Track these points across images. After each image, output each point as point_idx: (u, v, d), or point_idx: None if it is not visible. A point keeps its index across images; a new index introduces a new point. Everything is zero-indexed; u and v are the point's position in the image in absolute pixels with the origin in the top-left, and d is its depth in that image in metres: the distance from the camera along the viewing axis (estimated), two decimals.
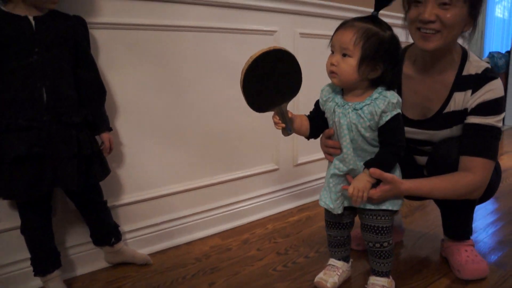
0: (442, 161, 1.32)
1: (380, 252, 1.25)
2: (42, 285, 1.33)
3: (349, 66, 1.11)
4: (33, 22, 1.16)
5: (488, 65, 1.29)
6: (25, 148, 1.13)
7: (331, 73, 1.15)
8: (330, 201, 1.21)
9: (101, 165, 1.32)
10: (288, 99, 1.17)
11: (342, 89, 1.20)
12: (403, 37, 1.29)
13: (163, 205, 1.67)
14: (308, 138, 1.30)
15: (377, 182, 1.17)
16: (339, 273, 1.35)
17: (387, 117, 1.11)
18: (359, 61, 1.10)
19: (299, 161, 2.12)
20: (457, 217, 1.44)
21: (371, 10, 1.16)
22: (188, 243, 1.71)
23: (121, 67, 1.47)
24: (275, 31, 1.88)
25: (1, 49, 1.13)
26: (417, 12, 1.21)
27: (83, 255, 1.48)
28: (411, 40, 1.31)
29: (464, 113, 1.29)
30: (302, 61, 1.57)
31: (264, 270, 1.48)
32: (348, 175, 1.21)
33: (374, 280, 1.28)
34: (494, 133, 1.26)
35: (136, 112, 1.54)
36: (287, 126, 1.19)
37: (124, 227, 1.56)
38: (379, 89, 1.14)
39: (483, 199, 1.40)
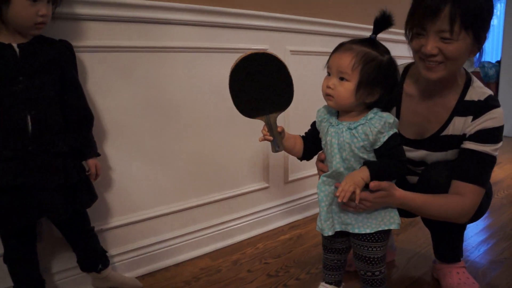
0: (432, 183, 1.30)
1: (372, 281, 1.24)
2: None
3: (347, 90, 1.09)
4: (17, 50, 1.13)
5: (491, 92, 1.28)
6: (10, 178, 1.11)
7: (327, 96, 1.13)
8: (320, 221, 1.19)
9: (88, 192, 1.30)
10: (277, 110, 1.17)
11: (338, 111, 1.19)
12: (407, 52, 1.29)
13: (152, 227, 1.65)
14: (300, 159, 1.29)
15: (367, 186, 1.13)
16: None
17: (384, 138, 1.10)
18: (356, 86, 1.08)
19: (290, 178, 2.10)
20: (447, 239, 1.44)
21: (362, 25, 1.15)
22: (178, 265, 1.69)
23: (108, 90, 1.45)
24: (265, 50, 1.86)
25: None
26: (419, 44, 1.19)
27: (70, 280, 1.45)
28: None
29: (462, 138, 1.28)
30: (293, 78, 1.56)
31: None
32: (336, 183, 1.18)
33: None
34: (489, 161, 1.25)
35: (124, 135, 1.52)
36: (275, 140, 1.17)
37: (112, 251, 1.53)
38: (375, 110, 1.13)
39: (472, 219, 1.39)
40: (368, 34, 1.14)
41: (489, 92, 1.27)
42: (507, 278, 1.52)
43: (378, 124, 1.09)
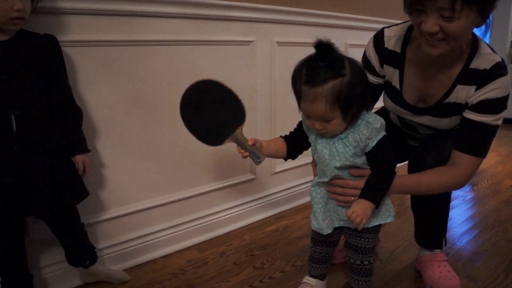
0: (415, 169, 1.32)
1: (360, 270, 1.28)
2: None
3: (337, 125, 1.09)
4: None
5: (499, 59, 1.18)
6: None
7: (320, 132, 1.14)
8: (315, 221, 1.22)
9: (77, 189, 1.30)
10: (236, 126, 1.19)
11: None
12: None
13: (140, 220, 1.66)
14: (285, 159, 1.30)
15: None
16: None
17: (373, 143, 1.11)
18: (342, 117, 1.08)
19: (277, 170, 2.12)
20: (430, 223, 1.45)
21: (346, 15, 1.15)
22: (165, 256, 1.71)
23: (93, 85, 1.44)
24: (252, 41, 1.86)
25: None
26: (419, 20, 1.10)
27: (58, 273, 1.47)
28: None
29: (464, 106, 1.24)
30: (280, 69, 1.57)
31: (240, 286, 1.49)
32: (328, 187, 1.20)
33: None
34: (490, 131, 1.21)
35: (109, 129, 1.51)
36: (252, 153, 1.18)
37: (101, 244, 1.55)
38: (362, 115, 1.13)
39: None
40: (353, 23, 1.13)
41: (497, 59, 1.18)
42: (486, 269, 1.56)
43: (366, 131, 1.11)
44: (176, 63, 1.64)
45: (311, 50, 1.10)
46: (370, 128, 1.10)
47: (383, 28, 1.37)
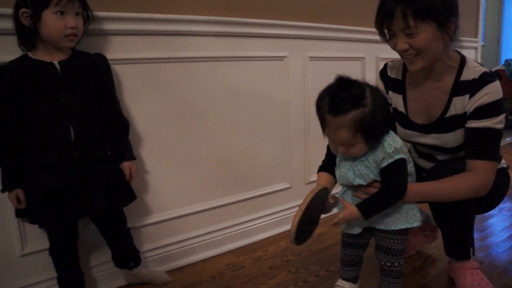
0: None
1: (390, 272, 1.31)
2: None
3: (360, 149, 1.18)
4: (58, 67, 1.26)
5: (486, 70, 1.30)
6: (57, 183, 1.23)
7: (344, 154, 1.23)
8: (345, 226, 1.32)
9: (126, 193, 1.42)
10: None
11: None
12: None
13: (180, 225, 1.77)
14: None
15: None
16: None
17: (383, 164, 1.19)
18: (365, 142, 1.17)
19: (311, 179, 2.18)
20: (455, 235, 1.46)
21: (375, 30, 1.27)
22: (204, 260, 1.80)
23: (138, 99, 1.58)
24: (285, 57, 1.96)
25: (32, 94, 1.23)
26: (393, 44, 1.29)
27: (106, 273, 1.58)
28: None
29: (464, 116, 1.32)
30: (313, 83, 1.63)
31: None
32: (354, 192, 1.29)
33: None
34: (494, 134, 1.28)
35: (154, 139, 1.64)
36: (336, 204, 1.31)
37: (145, 246, 1.66)
38: (383, 139, 1.21)
39: (490, 206, 1.47)
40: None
41: (483, 69, 1.30)
42: None
43: (380, 154, 1.19)
44: (214, 78, 1.76)
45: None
46: (384, 151, 1.19)
47: (386, 63, 1.54)
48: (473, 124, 1.29)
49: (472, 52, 3.25)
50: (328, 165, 1.38)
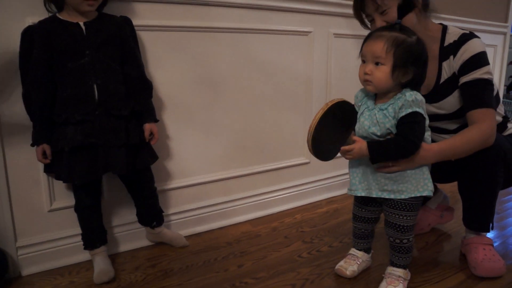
0: (474, 154, 1.37)
1: (399, 247, 1.34)
2: (90, 258, 1.51)
3: (384, 73, 1.20)
4: (83, 27, 1.31)
5: (465, 31, 1.41)
6: (81, 138, 1.29)
7: (365, 81, 1.24)
8: (354, 184, 1.34)
9: (149, 152, 1.47)
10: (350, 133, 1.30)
11: (376, 94, 1.29)
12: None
13: (201, 191, 1.82)
14: None
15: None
16: (358, 262, 1.45)
17: (402, 113, 1.19)
18: (392, 68, 1.19)
19: None
20: (478, 206, 1.47)
21: None
22: (222, 228, 1.86)
23: (164, 65, 1.62)
24: (310, 32, 1.97)
25: (59, 52, 1.29)
26: (375, 27, 1.36)
27: (127, 234, 1.65)
28: None
29: (455, 77, 1.40)
30: (336, 59, 1.64)
31: (289, 256, 1.60)
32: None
33: (391, 270, 1.37)
34: (483, 84, 1.35)
35: (178, 106, 1.69)
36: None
37: (165, 210, 1.71)
38: (404, 91, 1.23)
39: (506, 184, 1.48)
40: None
41: (462, 31, 1.41)
42: None
43: (400, 102, 1.20)
44: (238, 49, 1.79)
45: None
46: (404, 99, 1.20)
47: None
48: (463, 79, 1.37)
49: (500, 37, 3.19)
50: None
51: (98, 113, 1.32)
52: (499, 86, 3.35)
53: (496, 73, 3.26)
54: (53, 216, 1.51)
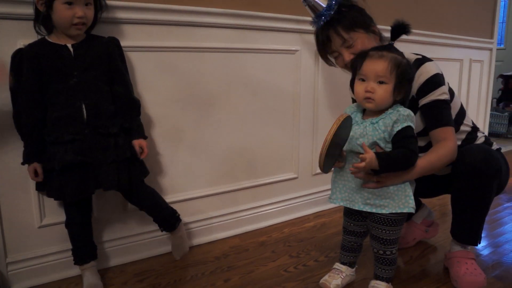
0: (467, 167, 1.42)
1: (383, 259, 1.38)
2: (79, 273, 1.53)
3: (387, 92, 1.26)
4: (71, 49, 1.36)
5: (419, 56, 1.47)
6: (71, 157, 1.33)
7: (367, 99, 1.28)
8: (334, 194, 1.40)
9: (139, 167, 1.50)
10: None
11: (364, 109, 1.34)
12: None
13: (191, 207, 1.86)
14: None
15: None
16: (342, 276, 1.49)
17: (398, 127, 1.25)
18: (394, 87, 1.26)
19: (318, 171, 2.25)
20: (470, 217, 1.50)
21: (387, 27, 1.34)
22: (211, 242, 1.89)
23: (154, 85, 1.67)
24: (297, 50, 2.03)
25: (48, 74, 1.33)
26: (341, 61, 1.50)
27: (116, 249, 1.68)
28: None
29: (414, 100, 1.45)
30: (323, 77, 1.69)
31: (276, 270, 1.63)
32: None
33: (374, 283, 1.41)
34: (441, 104, 1.42)
35: (168, 124, 1.73)
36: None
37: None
38: (395, 106, 1.30)
39: (502, 186, 1.53)
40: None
41: (416, 56, 1.47)
42: None
43: (394, 116, 1.26)
44: (227, 68, 1.84)
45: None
46: (399, 114, 1.26)
47: None
48: (422, 102, 1.44)
49: (487, 53, 3.26)
50: None
51: (87, 132, 1.36)
52: (486, 100, 3.42)
53: (483, 86, 3.33)
54: (43, 232, 1.54)
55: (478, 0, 3.14)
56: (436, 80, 1.42)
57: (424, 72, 1.42)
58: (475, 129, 1.60)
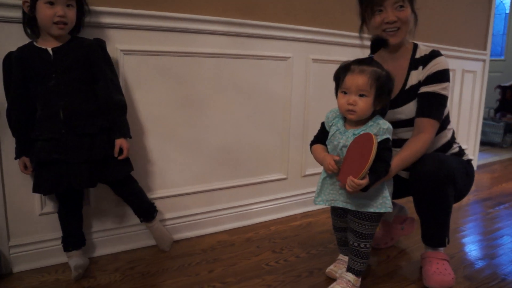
0: (422, 175, 1.51)
1: (356, 251, 1.48)
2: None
3: (367, 104, 1.37)
4: (51, 53, 1.45)
5: (434, 48, 1.61)
6: (45, 155, 1.44)
7: (349, 111, 1.39)
8: (319, 195, 1.50)
9: (119, 164, 1.56)
10: None
11: (345, 117, 1.45)
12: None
13: (182, 202, 1.97)
14: None
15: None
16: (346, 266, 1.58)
17: (378, 140, 1.34)
18: (374, 99, 1.37)
19: (307, 172, 2.36)
20: (433, 224, 1.60)
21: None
22: (199, 237, 2.01)
23: (149, 87, 1.79)
24: (289, 57, 2.14)
25: (31, 77, 1.45)
26: (381, 18, 1.56)
27: (110, 238, 1.81)
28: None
29: (418, 85, 1.58)
30: (314, 83, 1.74)
31: (258, 264, 1.74)
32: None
33: (344, 274, 1.52)
34: (440, 99, 1.55)
35: (162, 125, 1.85)
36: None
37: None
38: (375, 118, 1.41)
39: (456, 199, 1.62)
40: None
41: (432, 48, 1.62)
42: (486, 272, 1.70)
43: (375, 129, 1.37)
44: (220, 73, 1.96)
45: None
46: (379, 127, 1.37)
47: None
48: (424, 89, 1.56)
49: (480, 64, 3.35)
50: (320, 139, 1.53)
51: (63, 132, 1.45)
52: (479, 110, 3.50)
53: (476, 97, 3.41)
54: (44, 219, 1.67)
55: (472, 13, 3.23)
56: (445, 75, 1.55)
57: (439, 63, 1.55)
58: (453, 139, 1.70)
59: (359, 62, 1.40)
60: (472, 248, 1.94)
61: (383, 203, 1.42)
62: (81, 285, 1.54)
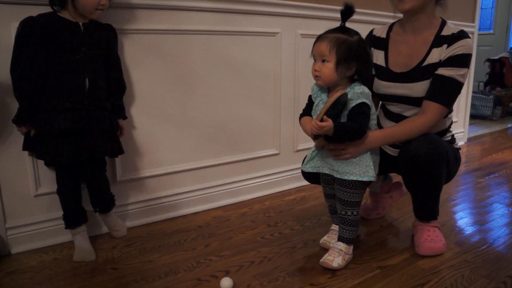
0: (411, 156, 1.50)
1: (344, 219, 1.52)
2: (72, 239, 1.66)
3: (329, 69, 1.39)
4: (82, 27, 1.50)
5: (463, 29, 1.54)
6: (70, 124, 1.47)
7: (315, 77, 1.43)
8: (307, 162, 1.55)
9: (117, 142, 1.66)
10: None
11: (329, 88, 1.47)
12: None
13: (176, 179, 1.99)
14: None
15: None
16: None
17: (352, 104, 1.38)
18: (335, 64, 1.38)
19: (299, 148, 2.38)
20: (424, 200, 1.63)
21: (366, 10, 1.43)
22: (195, 213, 2.03)
23: (141, 65, 1.79)
24: (277, 33, 2.14)
25: (56, 46, 1.46)
26: None
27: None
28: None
29: (437, 65, 1.52)
30: (303, 58, 1.73)
31: (253, 237, 1.77)
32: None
33: (335, 244, 1.55)
34: (455, 84, 1.50)
35: (153, 102, 1.85)
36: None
37: (142, 196, 1.89)
38: (353, 84, 1.42)
39: (446, 180, 1.62)
40: (370, 18, 1.41)
41: (461, 28, 1.54)
42: (475, 238, 1.75)
43: (349, 95, 1.38)
44: (210, 49, 1.96)
45: None
46: (353, 92, 1.38)
47: (373, 28, 1.78)
48: (441, 71, 1.50)
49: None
50: (308, 111, 1.56)
51: (86, 103, 1.51)
52: (469, 83, 3.53)
53: None
54: (39, 200, 1.68)
55: None
56: (468, 60, 1.50)
57: (465, 46, 1.48)
58: (449, 128, 1.70)
59: (327, 31, 1.42)
60: (463, 216, 1.99)
61: (366, 172, 1.45)
62: (80, 263, 1.56)
